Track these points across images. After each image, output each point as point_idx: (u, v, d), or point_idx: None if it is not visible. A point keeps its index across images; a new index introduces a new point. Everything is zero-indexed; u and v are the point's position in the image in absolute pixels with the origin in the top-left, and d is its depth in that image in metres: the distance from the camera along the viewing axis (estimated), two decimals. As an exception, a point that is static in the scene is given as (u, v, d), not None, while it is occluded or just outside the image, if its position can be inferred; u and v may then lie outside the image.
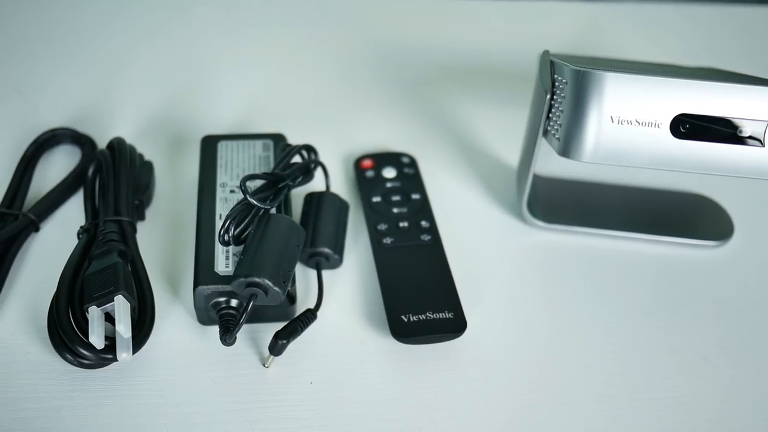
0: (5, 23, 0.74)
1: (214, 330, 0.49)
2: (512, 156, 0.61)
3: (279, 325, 0.48)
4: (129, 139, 0.58)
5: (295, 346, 0.48)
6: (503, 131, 0.65)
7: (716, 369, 0.49)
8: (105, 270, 0.48)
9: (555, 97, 0.49)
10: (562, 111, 0.48)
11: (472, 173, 0.62)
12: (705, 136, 0.47)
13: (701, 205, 0.61)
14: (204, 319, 0.49)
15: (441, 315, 0.49)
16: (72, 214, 0.56)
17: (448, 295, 0.50)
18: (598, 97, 0.46)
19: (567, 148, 0.48)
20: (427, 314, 0.49)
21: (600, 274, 0.55)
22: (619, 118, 0.46)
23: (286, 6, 0.80)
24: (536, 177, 0.55)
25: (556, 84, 0.49)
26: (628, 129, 0.46)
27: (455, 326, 0.48)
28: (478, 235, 0.57)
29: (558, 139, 0.49)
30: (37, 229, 0.54)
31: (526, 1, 0.86)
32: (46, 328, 0.47)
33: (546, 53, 0.53)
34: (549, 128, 0.50)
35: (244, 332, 0.49)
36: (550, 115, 0.50)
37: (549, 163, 0.59)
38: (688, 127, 0.46)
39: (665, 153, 0.47)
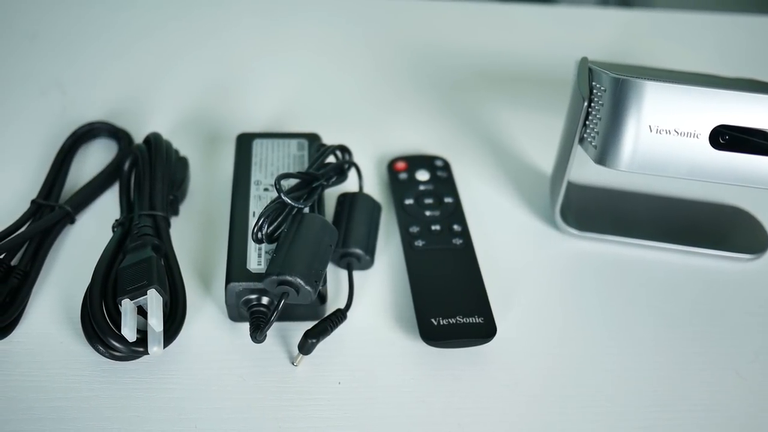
0: (47, 18, 0.75)
1: (245, 327, 0.49)
2: (546, 162, 0.61)
3: (309, 324, 0.48)
4: (165, 135, 0.58)
5: (324, 346, 0.48)
6: (538, 137, 0.65)
7: (748, 383, 0.49)
8: (139, 264, 0.48)
9: (592, 104, 0.49)
10: (599, 119, 0.48)
11: (505, 178, 0.62)
12: (744, 148, 0.46)
13: (736, 218, 0.60)
14: (235, 316, 0.50)
15: (471, 320, 0.49)
16: (107, 208, 0.56)
17: (479, 299, 0.50)
18: (636, 106, 0.46)
19: (604, 156, 0.48)
20: (457, 318, 0.49)
21: (632, 284, 0.54)
22: (657, 128, 0.46)
23: (324, 6, 0.80)
24: (570, 184, 0.54)
25: (594, 91, 0.49)
26: (667, 139, 0.46)
27: (485, 331, 0.48)
28: (509, 240, 0.57)
29: (595, 146, 0.48)
30: (72, 221, 0.55)
31: (564, 7, 0.85)
32: (80, 319, 0.47)
33: (584, 60, 0.52)
34: (585, 136, 0.50)
35: (274, 330, 0.49)
36: (587, 122, 0.50)
37: (582, 170, 0.59)
38: (727, 138, 0.46)
39: (703, 164, 0.46)
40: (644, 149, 0.47)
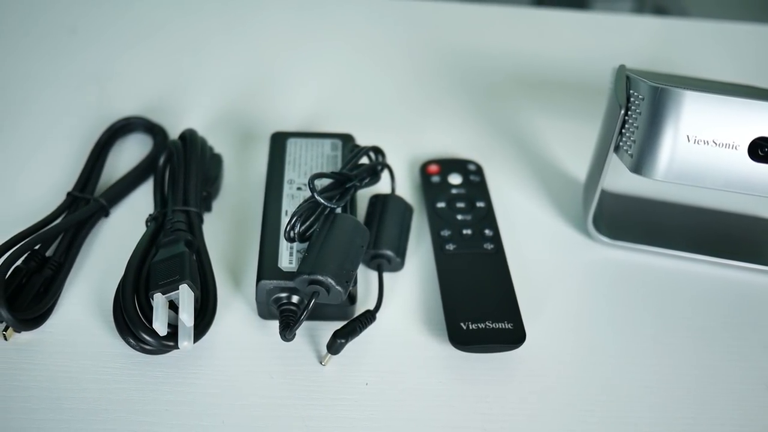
0: (87, 13, 0.76)
1: (274, 324, 0.49)
2: (580, 169, 0.61)
3: (337, 324, 0.48)
4: (200, 132, 0.58)
5: (352, 346, 0.48)
6: (572, 144, 0.64)
7: (780, 399, 0.48)
8: (171, 258, 0.48)
9: (629, 112, 0.49)
10: (636, 127, 0.48)
11: (538, 184, 0.61)
12: (784, 161, 0.46)
13: (772, 231, 0.59)
14: (264, 314, 0.50)
15: (500, 325, 0.48)
16: (141, 202, 0.57)
17: (509, 305, 0.50)
18: (675, 115, 0.46)
19: (640, 164, 0.47)
20: (487, 323, 0.49)
21: (664, 295, 0.54)
22: (695, 138, 0.46)
23: (361, 8, 0.80)
24: (603, 192, 0.54)
25: (632, 99, 0.49)
26: (705, 149, 0.46)
27: (514, 337, 0.48)
28: (541, 247, 0.56)
29: (630, 155, 0.48)
30: (107, 214, 0.55)
31: (599, 13, 0.85)
32: (111, 312, 0.48)
33: (622, 68, 0.52)
34: (621, 144, 0.50)
35: (302, 329, 0.49)
36: (623, 130, 0.49)
37: (616, 178, 0.58)
38: (766, 150, 0.45)
39: (741, 176, 0.46)
40: (681, 159, 0.46)
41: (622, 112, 0.49)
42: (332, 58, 0.74)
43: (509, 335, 0.48)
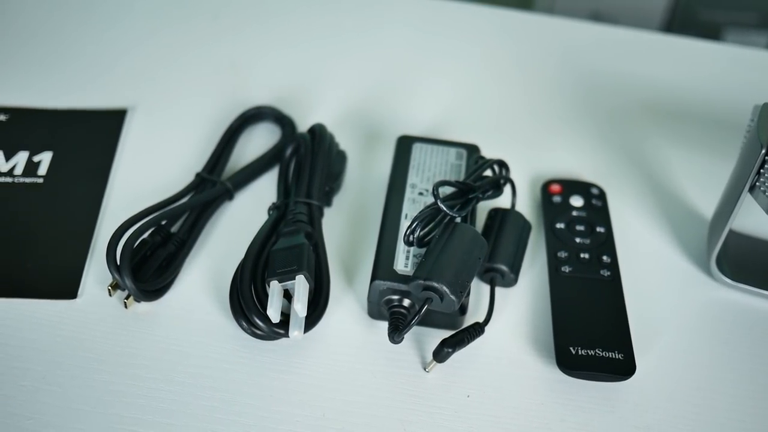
0: (229, 1, 0.78)
1: (382, 325, 0.50)
2: (706, 205, 0.59)
3: (444, 333, 0.48)
4: (327, 127, 0.59)
5: (457, 357, 0.48)
6: (699, 178, 0.62)
7: None
8: (291, 248, 0.49)
9: (771, 153, 0.47)
10: (778, 169, 0.46)
11: (661, 216, 0.60)
12: None
13: None
14: (374, 313, 0.50)
15: (610, 354, 0.48)
16: (264, 190, 0.58)
17: (621, 335, 0.49)
18: (824, 162, 0.44)
19: (778, 207, 0.46)
20: (596, 351, 0.48)
21: (785, 345, 0.52)
22: (843, 188, 0.44)
23: (496, 22, 0.80)
24: (730, 231, 0.52)
25: (775, 140, 0.47)
26: None
27: (623, 369, 0.47)
28: (659, 279, 0.55)
29: (768, 197, 0.46)
30: (231, 198, 0.57)
31: (732, 46, 0.82)
32: (227, 294, 0.49)
33: (766, 106, 0.50)
34: (758, 184, 0.48)
35: (410, 334, 0.49)
36: (762, 170, 0.48)
37: (744, 218, 0.56)
38: None
39: None
40: (825, 209, 0.44)
41: (764, 151, 0.47)
42: (463, 68, 0.73)
43: (619, 366, 0.47)
